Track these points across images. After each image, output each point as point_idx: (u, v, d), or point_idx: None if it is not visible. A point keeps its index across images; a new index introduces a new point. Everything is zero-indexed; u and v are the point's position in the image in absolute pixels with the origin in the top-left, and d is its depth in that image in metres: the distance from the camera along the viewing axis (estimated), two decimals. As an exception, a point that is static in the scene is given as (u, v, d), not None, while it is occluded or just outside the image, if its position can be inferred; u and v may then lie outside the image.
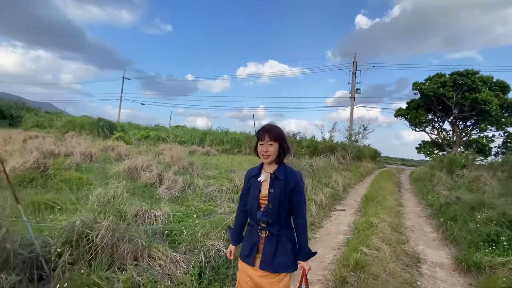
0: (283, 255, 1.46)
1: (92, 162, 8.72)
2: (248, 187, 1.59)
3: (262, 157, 1.49)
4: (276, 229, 1.47)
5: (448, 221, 4.68)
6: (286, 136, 1.53)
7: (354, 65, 26.66)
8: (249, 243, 1.55)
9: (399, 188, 9.56)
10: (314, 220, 5.01)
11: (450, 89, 18.28)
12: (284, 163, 1.55)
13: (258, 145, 1.51)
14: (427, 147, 22.78)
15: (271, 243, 1.47)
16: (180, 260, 2.68)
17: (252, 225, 1.57)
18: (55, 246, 2.38)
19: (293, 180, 1.47)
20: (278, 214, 1.46)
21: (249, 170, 1.66)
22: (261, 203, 1.49)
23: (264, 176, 1.51)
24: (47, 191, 5.04)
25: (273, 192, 1.46)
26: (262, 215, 1.47)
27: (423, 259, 3.57)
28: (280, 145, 1.48)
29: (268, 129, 1.49)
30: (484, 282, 2.88)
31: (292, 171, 1.52)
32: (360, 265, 2.90)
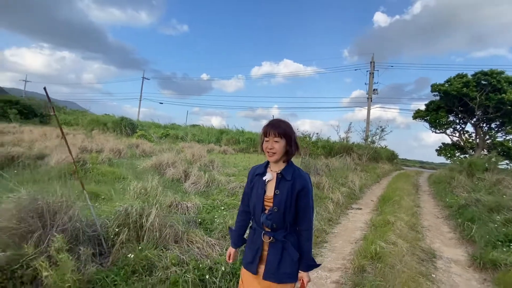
0: (288, 264, 1.36)
1: (121, 158, 9.36)
2: (252, 186, 1.47)
3: (267, 154, 1.38)
4: (281, 235, 1.37)
5: (466, 222, 4.77)
6: (295, 133, 1.41)
7: (372, 65, 26.27)
8: (252, 249, 1.44)
9: (417, 190, 9.53)
10: (331, 216, 5.25)
11: (474, 90, 17.71)
12: (292, 162, 1.44)
13: (264, 141, 1.40)
14: (448, 149, 22.12)
15: (276, 251, 1.37)
16: (215, 244, 3.04)
17: (255, 229, 1.46)
18: (112, 227, 2.80)
19: (301, 182, 1.36)
20: (283, 218, 1.35)
21: (253, 167, 1.53)
22: (266, 205, 1.38)
23: (270, 176, 1.40)
24: (89, 182, 5.60)
25: (279, 194, 1.35)
26: (266, 219, 1.36)
27: (438, 255, 3.74)
28: (287, 142, 1.36)
29: (275, 124, 1.38)
30: (499, 277, 3.04)
31: (301, 172, 1.41)
32: (377, 256, 3.14)
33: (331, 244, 3.99)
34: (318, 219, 4.85)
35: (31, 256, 2.17)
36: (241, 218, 1.59)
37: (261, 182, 1.41)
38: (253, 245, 1.43)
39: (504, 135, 19.58)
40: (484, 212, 4.79)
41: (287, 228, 1.38)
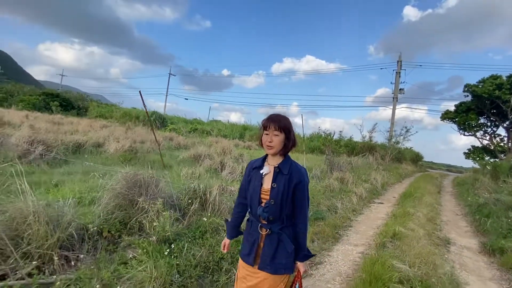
0: (283, 256, 1.40)
1: (161, 149, 10.44)
2: (249, 179, 1.51)
3: (266, 147, 1.41)
4: (277, 227, 1.41)
5: (482, 218, 5.17)
6: (293, 128, 1.46)
7: (399, 64, 25.76)
8: (249, 241, 1.48)
9: (439, 190, 9.76)
10: (355, 207, 5.84)
11: (507, 92, 17.06)
12: (289, 156, 1.49)
13: (263, 134, 1.44)
14: (477, 153, 21.42)
15: (271, 242, 1.41)
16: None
17: (252, 221, 1.49)
18: (184, 199, 3.64)
19: (297, 176, 1.40)
20: (280, 210, 1.39)
21: (251, 161, 1.58)
22: (262, 198, 1.42)
23: (267, 169, 1.44)
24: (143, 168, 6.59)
25: (276, 187, 1.39)
26: (263, 211, 1.39)
27: (452, 242, 4.25)
28: (286, 136, 1.41)
29: (275, 118, 1.41)
30: (503, 261, 3.53)
31: (298, 166, 1.45)
32: (396, 236, 3.74)
33: (355, 228, 4.62)
34: (343, 208, 5.47)
35: (138, 214, 3.04)
36: (237, 210, 1.62)
37: (258, 175, 1.44)
38: (250, 237, 1.47)
39: (540, 140, 18.67)
40: (501, 210, 5.16)
41: (283, 221, 1.41)
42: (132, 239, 2.76)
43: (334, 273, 2.97)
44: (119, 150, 7.43)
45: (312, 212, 4.76)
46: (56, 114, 26.22)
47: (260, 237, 1.43)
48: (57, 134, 8.04)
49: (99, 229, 2.77)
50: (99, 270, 2.22)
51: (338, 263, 3.20)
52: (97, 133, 10.17)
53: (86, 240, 2.65)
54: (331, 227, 4.26)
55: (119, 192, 3.14)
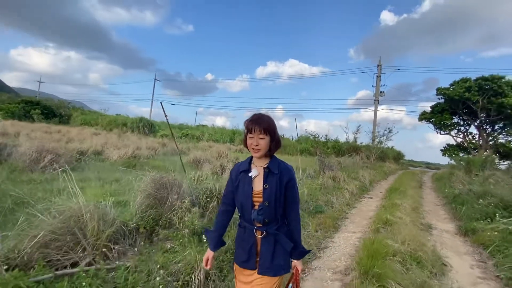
0: (282, 256, 1.39)
1: (157, 155, 10.69)
2: (237, 184, 1.44)
3: (252, 151, 1.39)
4: (273, 228, 1.38)
5: (458, 206, 5.93)
6: (276, 127, 1.41)
7: (379, 68, 27.29)
8: (244, 247, 1.43)
9: (421, 185, 10.67)
10: (348, 202, 6.46)
11: (476, 94, 18.67)
12: (275, 156, 1.45)
13: (248, 137, 1.40)
14: (452, 150, 23.03)
15: (268, 244, 1.39)
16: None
17: (245, 227, 1.44)
18: (203, 198, 4.06)
19: (287, 174, 1.39)
20: (274, 211, 1.37)
21: (236, 164, 1.53)
22: (255, 201, 1.38)
23: (256, 171, 1.39)
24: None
25: (268, 188, 1.36)
26: (258, 214, 1.35)
27: (434, 227, 4.93)
28: (271, 138, 1.37)
29: (259, 120, 1.37)
30: (475, 239, 4.23)
31: (286, 164, 1.44)
32: (388, 223, 4.35)
33: (351, 219, 5.21)
34: (338, 203, 6.06)
35: (168, 212, 3.44)
36: (221, 218, 1.54)
37: (247, 178, 1.39)
38: (246, 244, 1.42)
39: (506, 137, 20.45)
40: (473, 198, 5.95)
41: (278, 221, 1.40)
42: (168, 232, 3.16)
43: (339, 254, 3.50)
44: (122, 157, 7.68)
45: (312, 206, 5.30)
46: (38, 122, 25.47)
47: (257, 241, 1.40)
48: (55, 143, 8.13)
49: (137, 225, 3.15)
50: (150, 257, 2.62)
51: (341, 247, 3.75)
52: (93, 141, 10.27)
53: (127, 235, 3.03)
54: (331, 218, 4.82)
55: (150, 193, 3.53)
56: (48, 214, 2.58)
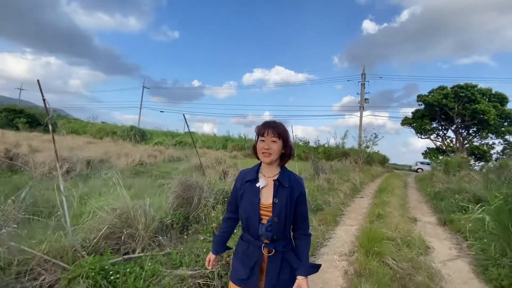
0: (288, 271, 1.30)
1: (159, 162, 11.04)
2: (242, 193, 1.34)
3: (263, 155, 1.29)
4: (281, 246, 1.29)
5: (438, 201, 6.75)
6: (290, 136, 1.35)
7: (363, 77, 28.81)
8: (246, 264, 1.31)
9: (405, 185, 11.60)
10: (343, 201, 7.15)
11: (452, 101, 20.27)
12: (286, 167, 1.37)
13: (259, 141, 1.32)
14: (432, 153, 24.58)
15: (276, 262, 1.29)
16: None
17: (249, 241, 1.32)
18: (219, 198, 4.58)
19: (298, 188, 1.31)
20: (284, 228, 1.27)
21: (242, 172, 1.43)
22: (263, 215, 1.27)
23: (264, 182, 1.30)
24: (159, 177, 7.31)
25: (278, 203, 1.26)
26: (266, 230, 1.25)
27: (418, 220, 5.68)
28: (284, 144, 1.30)
29: (272, 124, 1.31)
30: (452, 227, 4.99)
31: (295, 176, 1.36)
32: (380, 216, 5.04)
33: (347, 215, 5.87)
34: (334, 202, 6.72)
35: (196, 209, 3.95)
36: (226, 225, 1.49)
37: (254, 189, 1.30)
38: (249, 260, 1.31)
39: (480, 140, 22.16)
40: (451, 194, 6.79)
41: (286, 237, 1.31)
42: (199, 226, 3.67)
43: (342, 242, 4.13)
44: (129, 164, 8.04)
45: (313, 205, 5.93)
46: (23, 131, 24.85)
47: (262, 259, 1.29)
48: (62, 152, 8.36)
49: (172, 221, 3.64)
50: (192, 245, 3.13)
51: (342, 237, 4.38)
52: (95, 149, 10.49)
53: (164, 229, 3.52)
54: (330, 215, 5.46)
55: (178, 194, 4.03)
56: (104, 211, 3.04)
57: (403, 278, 2.80)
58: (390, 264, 3.06)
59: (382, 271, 2.87)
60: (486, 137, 21.91)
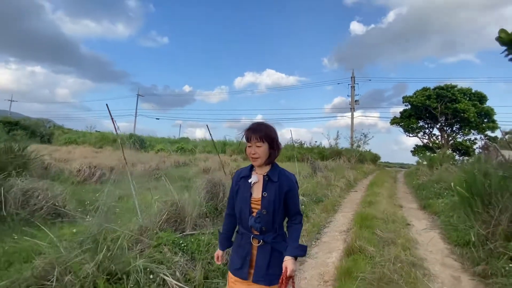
0: (277, 265, 1.35)
1: (171, 167, 11.88)
2: (237, 189, 1.45)
3: (251, 159, 1.39)
4: (270, 237, 1.37)
5: (420, 191, 7.86)
6: (277, 134, 1.42)
7: (353, 80, 30.26)
8: (240, 254, 1.42)
9: (395, 180, 12.76)
10: (340, 194, 8.18)
11: (434, 101, 21.78)
12: (277, 164, 1.46)
13: (247, 147, 1.41)
14: (420, 150, 26.03)
15: (264, 253, 1.37)
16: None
17: (242, 233, 1.43)
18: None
19: (287, 184, 1.39)
20: (272, 220, 1.36)
21: (238, 171, 1.53)
22: (253, 208, 1.38)
23: (256, 178, 1.40)
24: (176, 180, 8.18)
25: (267, 196, 1.36)
26: (255, 222, 1.35)
27: (404, 206, 6.74)
28: (269, 145, 1.37)
29: (255, 128, 1.39)
30: (430, 210, 6.06)
31: (286, 173, 1.43)
32: (371, 203, 6.07)
33: (344, 205, 6.89)
34: (332, 195, 7.74)
35: (222, 202, 4.88)
36: (227, 221, 1.59)
37: (247, 184, 1.41)
38: (241, 250, 1.42)
39: (463, 136, 23.72)
40: (431, 184, 7.91)
41: (276, 230, 1.39)
42: (228, 214, 4.61)
43: (341, 223, 5.12)
44: (147, 169, 8.88)
45: (315, 198, 6.92)
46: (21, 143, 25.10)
47: (252, 249, 1.39)
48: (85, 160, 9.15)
49: (207, 210, 4.57)
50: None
51: (341, 220, 5.38)
52: (105, 157, 11.25)
53: (202, 216, 4.44)
54: (330, 205, 6.46)
55: (208, 190, 4.95)
56: (161, 202, 3.95)
57: (387, 241, 3.81)
58: (378, 233, 4.07)
59: (372, 238, 3.87)
60: (468, 133, 23.50)
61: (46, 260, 2.30)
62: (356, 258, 3.09)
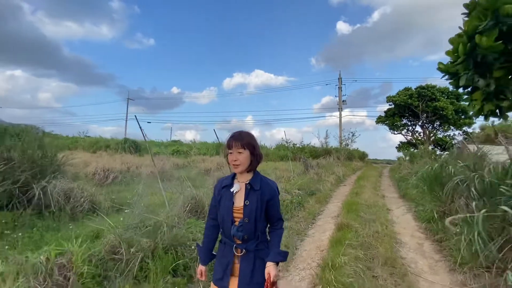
0: (261, 273, 1.37)
1: (170, 169, 12.51)
2: (219, 199, 1.46)
3: (233, 166, 1.41)
4: (253, 246, 1.39)
5: (401, 183, 8.90)
6: (257, 143, 1.45)
7: (340, 81, 31.57)
8: (222, 263, 1.43)
9: (380, 175, 13.87)
10: (330, 188, 9.11)
11: (416, 100, 23.27)
12: (258, 172, 1.47)
13: (228, 154, 1.43)
14: (404, 146, 27.56)
15: (248, 262, 1.38)
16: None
17: (225, 242, 1.44)
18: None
19: (269, 192, 1.41)
20: (254, 228, 1.37)
21: (220, 180, 1.56)
22: (235, 217, 1.39)
23: (238, 186, 1.42)
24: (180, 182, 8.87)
25: (249, 204, 1.37)
26: (237, 231, 1.36)
27: (386, 196, 7.73)
28: (251, 153, 1.40)
29: (237, 136, 1.41)
30: (407, 198, 7.06)
31: (268, 180, 1.46)
32: (357, 193, 7.01)
33: (334, 197, 7.81)
34: (324, 189, 8.66)
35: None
36: (208, 233, 1.57)
37: (229, 193, 1.42)
38: (224, 259, 1.43)
39: (443, 133, 25.36)
40: (410, 176, 8.96)
41: (258, 237, 1.40)
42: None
43: (332, 211, 6.01)
44: (150, 173, 9.53)
45: (309, 191, 7.81)
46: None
47: (235, 259, 1.40)
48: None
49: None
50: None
51: (332, 208, 6.27)
52: (107, 162, 11.78)
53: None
54: (322, 197, 7.36)
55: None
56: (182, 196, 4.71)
57: (369, 221, 4.71)
58: (362, 215, 4.97)
59: (357, 218, 4.77)
60: (448, 130, 25.14)
61: (112, 237, 3.03)
62: (344, 232, 3.97)
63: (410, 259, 3.34)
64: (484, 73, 2.56)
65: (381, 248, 3.43)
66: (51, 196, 4.22)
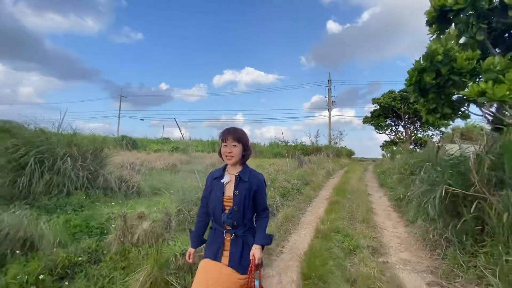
0: (248, 255, 1.50)
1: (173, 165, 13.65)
2: (210, 189, 1.61)
3: (226, 158, 1.54)
4: (241, 231, 1.53)
5: (382, 176, 10.50)
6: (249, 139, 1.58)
7: (329, 83, 33.32)
8: (213, 247, 1.56)
9: (365, 170, 15.54)
10: (322, 180, 10.59)
11: (399, 102, 25.24)
12: (247, 165, 1.62)
13: (222, 146, 1.56)
14: (388, 145, 29.63)
15: (237, 245, 1.52)
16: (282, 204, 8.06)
17: (215, 228, 1.59)
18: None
19: (256, 183, 1.55)
20: (243, 215, 1.52)
21: (211, 172, 1.69)
22: (225, 205, 1.52)
23: (228, 178, 1.56)
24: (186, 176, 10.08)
25: (238, 194, 1.50)
26: (227, 218, 1.49)
27: (369, 185, 9.26)
28: (243, 147, 1.54)
29: (232, 131, 1.55)
30: (386, 187, 8.60)
31: (256, 173, 1.60)
32: (345, 183, 8.49)
33: (325, 187, 9.27)
34: (316, 181, 10.11)
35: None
36: (200, 219, 1.72)
37: (220, 184, 1.56)
38: (215, 244, 1.56)
39: (422, 132, 27.54)
40: (389, 170, 10.56)
41: (245, 224, 1.55)
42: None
43: (324, 196, 7.44)
44: (167, 165, 10.69)
45: (304, 181, 9.23)
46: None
47: (225, 243, 1.53)
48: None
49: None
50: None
51: (325, 194, 7.71)
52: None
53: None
54: (316, 186, 8.80)
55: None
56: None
57: (352, 199, 6.16)
58: (348, 196, 6.42)
59: (344, 198, 6.22)
60: (427, 130, 27.34)
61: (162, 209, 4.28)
62: (335, 205, 5.39)
63: (380, 221, 4.80)
64: (424, 95, 4.01)
65: (360, 214, 4.87)
66: (112, 181, 5.42)
